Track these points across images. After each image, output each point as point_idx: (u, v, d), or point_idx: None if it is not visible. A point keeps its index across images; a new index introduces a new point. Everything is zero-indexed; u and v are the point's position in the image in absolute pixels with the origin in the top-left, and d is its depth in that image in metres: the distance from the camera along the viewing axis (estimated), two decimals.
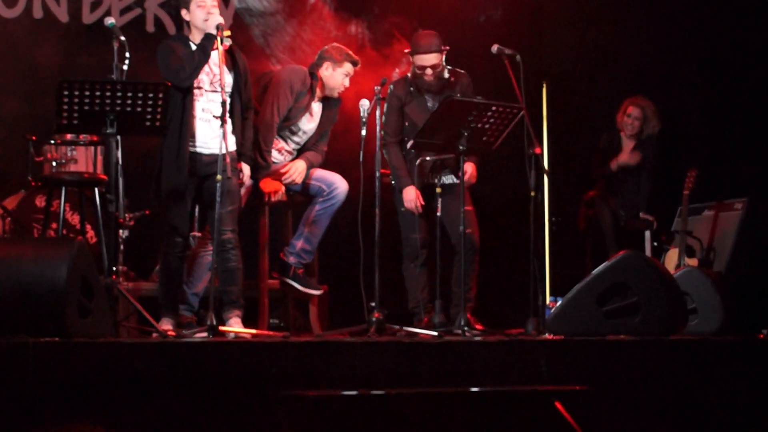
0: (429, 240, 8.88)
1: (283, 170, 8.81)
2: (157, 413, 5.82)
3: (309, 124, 9.05)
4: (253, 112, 8.51)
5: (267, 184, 8.66)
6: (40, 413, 5.61)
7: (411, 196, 8.87)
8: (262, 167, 8.57)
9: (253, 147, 8.45)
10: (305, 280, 8.83)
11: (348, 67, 8.95)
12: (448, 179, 9.02)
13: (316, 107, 9.05)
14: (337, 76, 8.94)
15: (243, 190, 8.45)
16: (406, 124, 9.01)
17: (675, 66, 11.42)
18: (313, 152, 9.08)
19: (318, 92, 8.96)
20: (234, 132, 8.04)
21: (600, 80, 11.59)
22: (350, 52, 9.02)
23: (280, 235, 9.49)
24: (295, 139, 9.05)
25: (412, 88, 9.16)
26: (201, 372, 6.09)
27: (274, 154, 8.87)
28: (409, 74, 9.23)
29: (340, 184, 8.93)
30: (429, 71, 9.04)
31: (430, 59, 9.02)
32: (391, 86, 9.25)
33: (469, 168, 8.97)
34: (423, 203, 8.86)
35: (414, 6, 11.30)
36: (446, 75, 9.14)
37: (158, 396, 5.86)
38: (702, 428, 7.01)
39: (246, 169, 8.30)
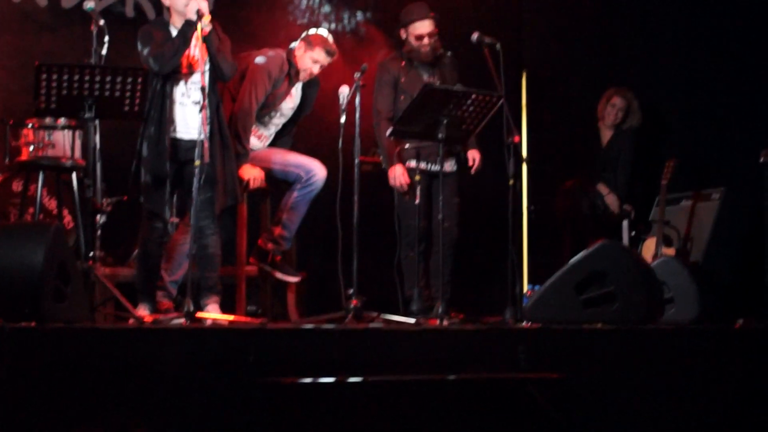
0: (428, 228, 8.91)
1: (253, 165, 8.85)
2: (132, 399, 5.80)
3: (288, 105, 9.10)
4: (231, 99, 8.52)
5: (246, 171, 8.64)
6: (15, 398, 5.59)
7: (398, 173, 8.89)
8: (241, 155, 8.55)
9: (232, 135, 8.43)
10: (283, 266, 8.85)
11: (319, 53, 8.95)
12: (449, 166, 9.02)
13: (295, 90, 9.09)
14: (305, 59, 8.96)
15: None
16: (402, 98, 9.00)
17: (654, 58, 11.49)
18: (284, 139, 9.20)
19: (296, 77, 8.95)
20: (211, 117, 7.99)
21: (580, 71, 11.61)
22: (330, 42, 9.00)
23: (257, 221, 9.51)
24: (275, 122, 9.10)
25: (404, 62, 9.20)
26: (178, 358, 6.08)
27: (253, 140, 8.87)
28: (403, 50, 9.27)
29: (318, 171, 8.91)
30: (426, 40, 9.11)
31: (426, 26, 9.12)
32: (383, 62, 9.32)
33: (477, 155, 9.07)
34: (408, 181, 8.82)
35: None
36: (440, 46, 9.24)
37: (133, 382, 5.84)
38: (678, 417, 7.03)
39: None
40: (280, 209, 8.98)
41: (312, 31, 9.18)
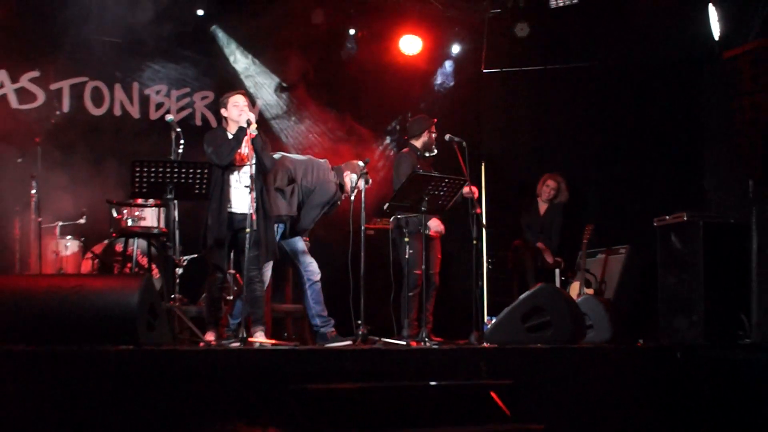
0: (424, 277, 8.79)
1: None
2: (202, 400, 5.85)
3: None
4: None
5: None
6: (119, 402, 5.64)
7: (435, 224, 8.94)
8: None
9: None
10: (338, 338, 8.46)
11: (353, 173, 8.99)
12: (426, 231, 8.82)
13: None
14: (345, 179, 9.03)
15: None
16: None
17: (578, 150, 11.47)
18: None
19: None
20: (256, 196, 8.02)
21: (523, 159, 11.60)
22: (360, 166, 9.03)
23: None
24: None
25: (418, 153, 9.24)
26: (235, 371, 6.13)
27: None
28: (417, 145, 9.32)
29: (313, 267, 8.74)
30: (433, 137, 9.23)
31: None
32: (404, 154, 9.32)
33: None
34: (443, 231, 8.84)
35: (386, 99, 11.41)
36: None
37: (204, 388, 5.90)
38: (596, 410, 7.06)
39: None
40: (306, 307, 8.74)
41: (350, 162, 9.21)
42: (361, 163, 8.91)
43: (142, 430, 5.55)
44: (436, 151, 9.24)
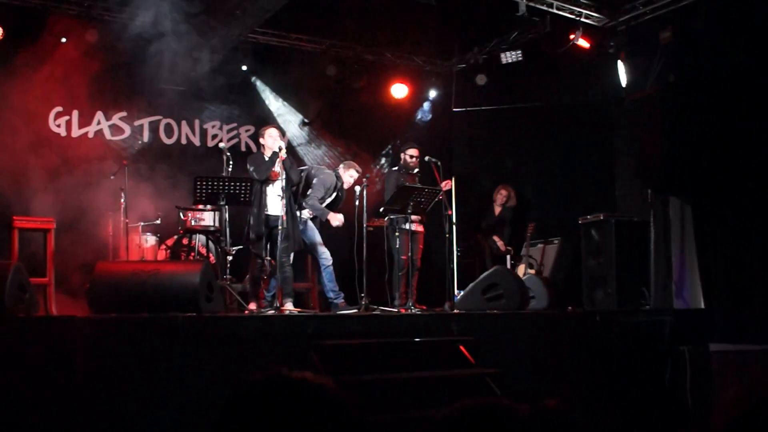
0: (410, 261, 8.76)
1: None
2: (248, 351, 5.88)
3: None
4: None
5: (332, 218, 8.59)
6: (187, 355, 5.66)
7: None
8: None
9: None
10: (346, 307, 8.33)
11: (352, 172, 8.97)
12: (411, 227, 8.82)
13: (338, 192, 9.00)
14: (346, 175, 8.96)
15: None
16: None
17: (524, 165, 11.49)
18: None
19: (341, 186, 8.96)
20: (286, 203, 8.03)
21: (484, 172, 11.61)
22: (356, 165, 9.09)
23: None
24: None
25: (402, 170, 9.18)
26: (271, 330, 6.17)
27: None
28: (401, 163, 9.26)
29: (326, 255, 8.59)
30: (414, 159, 9.16)
31: (413, 152, 9.21)
32: (391, 171, 9.32)
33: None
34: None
35: (380, 130, 11.45)
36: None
37: (249, 343, 5.92)
38: (538, 358, 7.09)
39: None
40: (323, 284, 8.60)
41: (347, 161, 9.26)
42: (357, 169, 8.94)
43: (204, 376, 5.58)
44: (417, 168, 9.24)
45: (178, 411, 5.45)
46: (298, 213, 8.42)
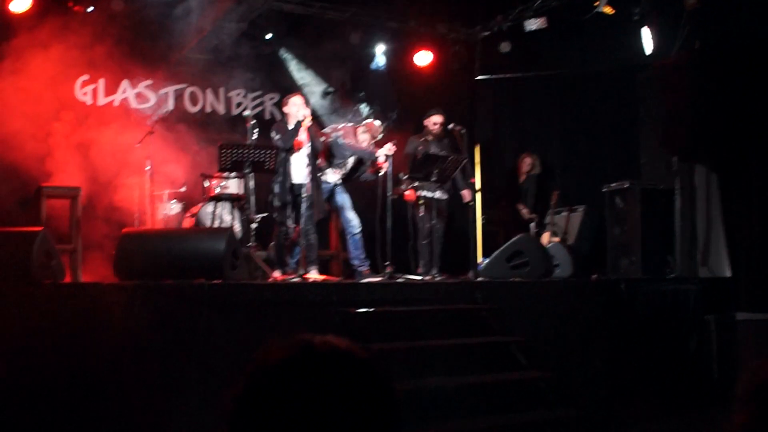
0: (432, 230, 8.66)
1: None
2: (272, 318, 5.86)
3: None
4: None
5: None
6: (212, 321, 5.63)
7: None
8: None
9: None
10: (371, 274, 8.17)
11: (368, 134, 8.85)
12: (437, 194, 8.71)
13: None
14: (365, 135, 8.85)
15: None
16: (418, 155, 8.62)
17: (549, 134, 11.39)
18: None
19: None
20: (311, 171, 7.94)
21: (507, 141, 11.55)
22: (376, 127, 8.97)
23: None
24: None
25: (423, 137, 8.91)
26: (295, 298, 6.14)
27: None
28: (423, 131, 9.00)
29: (355, 222, 8.46)
30: (438, 126, 8.88)
31: (437, 118, 8.91)
32: (412, 138, 8.98)
33: (468, 194, 8.81)
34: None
35: (403, 99, 11.29)
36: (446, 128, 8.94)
37: (275, 310, 5.89)
38: (562, 326, 7.03)
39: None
40: (348, 251, 8.51)
41: (368, 120, 9.15)
42: (377, 123, 8.82)
43: (229, 343, 5.55)
44: (443, 135, 9.09)
45: (203, 377, 5.43)
46: (325, 177, 8.35)
